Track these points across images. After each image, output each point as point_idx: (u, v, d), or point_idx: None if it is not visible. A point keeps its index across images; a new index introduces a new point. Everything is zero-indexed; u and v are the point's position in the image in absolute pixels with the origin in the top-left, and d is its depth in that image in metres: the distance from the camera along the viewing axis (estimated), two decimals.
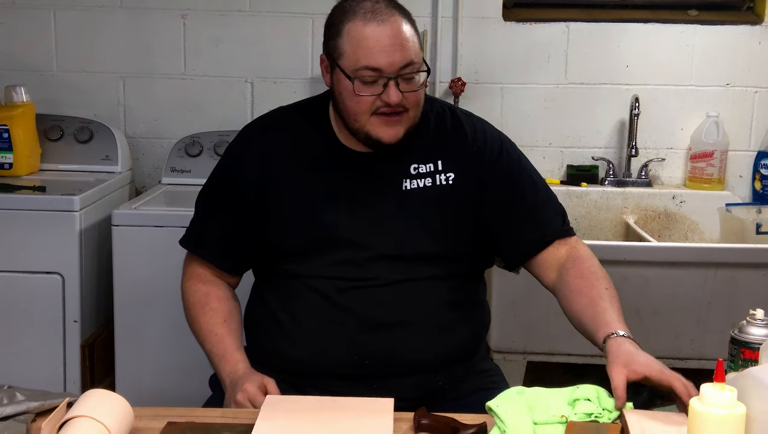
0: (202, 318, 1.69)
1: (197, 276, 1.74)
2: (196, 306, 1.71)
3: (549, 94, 3.00)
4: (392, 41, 1.54)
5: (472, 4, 2.94)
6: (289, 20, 2.96)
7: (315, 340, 1.62)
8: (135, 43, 2.98)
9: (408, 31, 1.57)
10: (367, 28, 1.54)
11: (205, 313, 1.69)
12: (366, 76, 1.55)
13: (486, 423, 1.32)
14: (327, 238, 1.62)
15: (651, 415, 1.32)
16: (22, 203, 2.50)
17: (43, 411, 1.35)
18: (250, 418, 1.34)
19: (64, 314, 2.50)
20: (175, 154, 2.88)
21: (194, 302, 1.72)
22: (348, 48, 1.56)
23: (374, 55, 1.53)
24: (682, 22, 2.97)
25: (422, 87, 1.60)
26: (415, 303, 1.62)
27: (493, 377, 1.73)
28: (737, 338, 1.42)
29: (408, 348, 1.61)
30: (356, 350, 1.60)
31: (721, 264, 2.38)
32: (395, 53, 1.54)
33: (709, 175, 2.94)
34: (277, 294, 1.68)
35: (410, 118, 1.60)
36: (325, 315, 1.62)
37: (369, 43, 1.54)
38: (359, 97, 1.56)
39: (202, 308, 1.70)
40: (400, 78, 1.55)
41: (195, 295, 1.73)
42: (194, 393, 1.79)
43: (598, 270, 1.64)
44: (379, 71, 1.54)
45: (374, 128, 1.58)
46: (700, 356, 2.41)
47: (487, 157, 1.68)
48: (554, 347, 2.45)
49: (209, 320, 1.68)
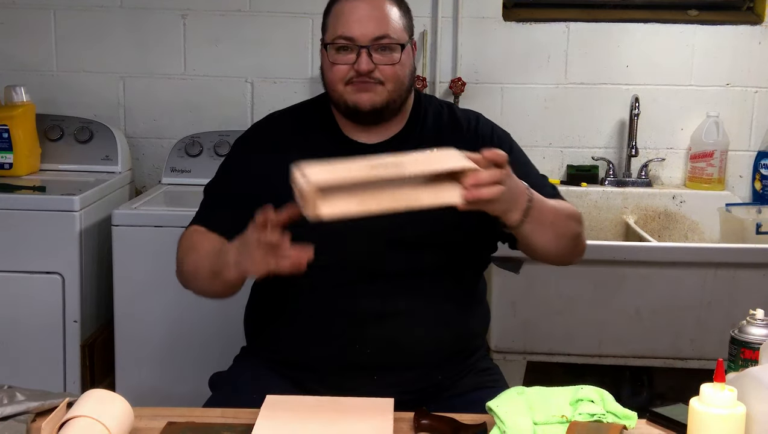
0: (200, 245, 1.63)
1: (198, 232, 1.69)
2: (192, 245, 1.65)
3: (549, 94, 3.00)
4: (368, 14, 1.61)
5: (472, 4, 2.94)
6: (289, 20, 2.96)
7: (315, 330, 1.63)
8: (135, 43, 2.99)
9: (388, 9, 1.64)
10: (346, 4, 1.63)
11: (203, 243, 1.63)
12: (339, 44, 1.62)
13: (486, 423, 1.32)
14: (330, 226, 1.62)
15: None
16: (22, 203, 2.50)
17: (43, 411, 1.35)
18: (250, 418, 1.34)
19: (64, 314, 2.50)
20: (175, 154, 2.88)
21: (190, 243, 1.66)
22: (330, 22, 1.66)
23: (349, 24, 1.61)
24: (682, 22, 2.97)
25: (401, 64, 1.63)
26: (417, 293, 1.63)
27: (493, 376, 1.74)
28: (737, 338, 1.42)
29: (408, 338, 1.62)
30: (356, 339, 1.61)
31: (721, 264, 2.38)
32: (369, 24, 1.61)
33: (709, 175, 2.94)
34: (278, 285, 1.68)
35: (388, 92, 1.63)
36: (327, 304, 1.62)
37: (345, 15, 1.62)
38: (334, 65, 1.63)
39: (198, 243, 1.64)
40: (372, 49, 1.61)
41: (191, 238, 1.66)
42: (194, 393, 1.79)
43: (565, 203, 1.65)
44: (351, 40, 1.61)
45: (350, 96, 1.63)
46: (700, 356, 2.42)
47: (480, 139, 1.70)
48: (554, 347, 2.45)
49: (209, 244, 1.62)
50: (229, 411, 1.40)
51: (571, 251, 1.65)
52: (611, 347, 2.43)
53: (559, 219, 1.57)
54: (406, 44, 1.65)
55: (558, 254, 1.63)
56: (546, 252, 1.61)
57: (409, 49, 1.67)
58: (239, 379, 1.69)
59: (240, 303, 1.80)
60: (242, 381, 1.67)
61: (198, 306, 2.50)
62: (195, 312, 2.51)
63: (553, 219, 1.54)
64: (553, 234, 1.56)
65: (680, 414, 1.33)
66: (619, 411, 1.32)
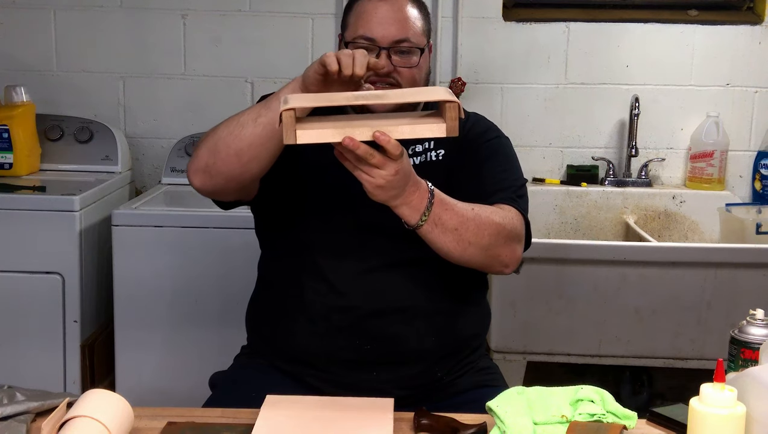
0: (237, 114, 1.57)
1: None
2: (224, 121, 1.57)
3: (549, 94, 3.00)
4: (390, 15, 1.62)
5: (472, 4, 2.95)
6: (289, 20, 2.96)
7: (316, 326, 1.63)
8: (135, 43, 2.99)
9: (410, 11, 1.64)
10: (368, 4, 1.63)
11: (238, 114, 1.57)
12: (360, 44, 1.61)
13: (486, 423, 1.32)
14: (332, 223, 1.64)
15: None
16: (22, 203, 2.50)
17: (43, 411, 1.35)
18: (250, 418, 1.34)
19: (64, 314, 2.50)
20: (175, 154, 2.88)
21: (221, 122, 1.58)
22: (351, 20, 1.66)
23: (371, 25, 1.62)
24: (682, 22, 2.97)
25: (418, 67, 1.63)
26: (417, 290, 1.63)
27: (493, 375, 1.74)
28: (737, 338, 1.42)
29: (408, 334, 1.62)
30: (357, 334, 1.61)
31: (721, 264, 2.38)
32: (391, 26, 1.61)
33: (709, 175, 2.94)
34: (280, 282, 1.69)
35: None
36: (328, 300, 1.63)
37: (368, 15, 1.63)
38: None
39: (232, 116, 1.58)
40: (393, 51, 1.61)
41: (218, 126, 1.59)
42: (194, 393, 1.79)
43: (494, 214, 1.56)
44: (372, 41, 1.61)
45: None
46: (700, 356, 2.42)
47: (470, 134, 1.71)
48: (554, 347, 2.45)
49: (243, 111, 1.57)
50: (229, 411, 1.40)
51: (482, 262, 1.57)
52: (611, 347, 2.43)
53: (465, 226, 1.50)
54: (424, 48, 1.66)
55: (464, 261, 1.56)
56: (448, 257, 1.55)
57: (426, 53, 1.68)
58: (239, 379, 1.69)
59: (240, 303, 1.81)
60: (242, 380, 1.67)
61: (198, 306, 2.52)
62: (195, 312, 2.51)
63: (457, 224, 1.49)
64: (455, 239, 1.50)
65: (680, 414, 1.33)
66: (619, 411, 1.32)
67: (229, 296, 2.44)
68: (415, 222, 1.46)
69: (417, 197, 1.44)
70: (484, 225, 1.52)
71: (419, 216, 1.45)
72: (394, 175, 1.36)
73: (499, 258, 1.58)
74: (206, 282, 2.50)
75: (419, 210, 1.45)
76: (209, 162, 1.56)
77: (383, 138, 1.31)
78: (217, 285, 2.50)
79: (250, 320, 1.78)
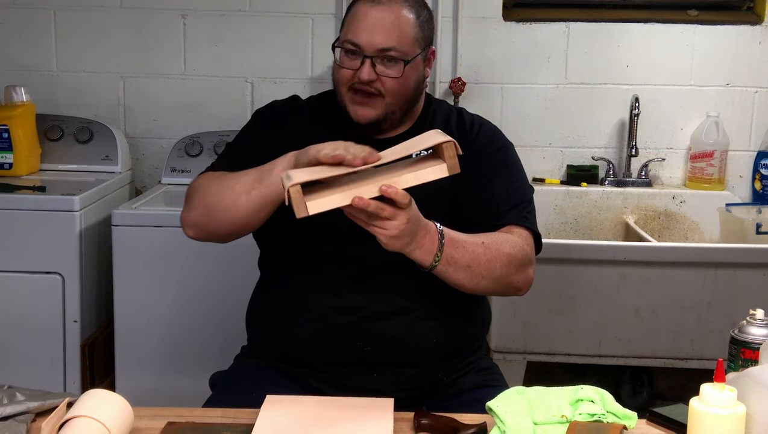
0: (228, 175, 1.59)
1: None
2: (217, 176, 1.60)
3: (549, 94, 3.00)
4: (378, 23, 1.61)
5: (472, 4, 2.94)
6: (289, 20, 2.96)
7: (317, 327, 1.63)
8: (135, 43, 2.99)
9: (401, 20, 1.62)
10: (363, 7, 1.63)
11: (229, 176, 1.59)
12: (347, 48, 1.62)
13: (486, 423, 1.32)
14: (333, 224, 1.62)
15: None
16: (22, 203, 2.50)
17: (43, 411, 1.35)
18: (250, 418, 1.34)
19: (64, 314, 2.50)
20: (175, 154, 2.88)
21: (212, 178, 1.61)
22: (346, 22, 1.66)
23: (358, 30, 1.61)
24: (682, 22, 2.97)
25: (403, 77, 1.62)
26: (418, 291, 1.63)
27: (493, 375, 1.74)
28: (737, 338, 1.42)
29: (409, 335, 1.62)
30: (357, 336, 1.61)
31: (721, 264, 2.38)
32: (377, 34, 1.60)
33: (709, 175, 2.94)
34: (280, 283, 1.69)
35: (386, 105, 1.64)
36: (328, 301, 1.63)
37: (358, 20, 1.62)
38: (340, 68, 1.64)
39: (225, 174, 1.60)
40: (377, 60, 1.61)
41: (212, 175, 1.63)
42: (194, 393, 1.79)
43: (504, 244, 1.57)
44: (358, 47, 1.61)
45: (350, 104, 1.65)
46: (700, 356, 2.42)
47: (477, 143, 1.71)
48: (554, 347, 2.45)
49: (234, 176, 1.58)
50: (229, 411, 1.40)
51: (495, 291, 1.62)
52: (611, 347, 2.43)
53: (477, 261, 1.52)
54: (412, 59, 1.63)
55: (478, 292, 1.60)
56: (462, 289, 1.57)
57: (418, 62, 1.65)
58: (240, 378, 1.69)
59: (240, 302, 1.81)
60: (243, 380, 1.67)
61: (198, 305, 2.52)
62: (195, 311, 2.51)
63: (469, 261, 1.51)
64: (468, 275, 1.53)
65: (680, 414, 1.33)
66: (619, 411, 1.32)
67: (229, 296, 2.44)
68: (429, 264, 1.48)
69: (428, 240, 1.46)
70: (494, 259, 1.54)
71: (432, 257, 1.47)
72: (406, 223, 1.38)
73: (512, 284, 1.61)
74: (206, 282, 2.51)
75: (432, 252, 1.46)
76: (202, 221, 1.61)
77: (390, 190, 1.33)
78: (217, 286, 2.50)
79: (250, 320, 1.77)
